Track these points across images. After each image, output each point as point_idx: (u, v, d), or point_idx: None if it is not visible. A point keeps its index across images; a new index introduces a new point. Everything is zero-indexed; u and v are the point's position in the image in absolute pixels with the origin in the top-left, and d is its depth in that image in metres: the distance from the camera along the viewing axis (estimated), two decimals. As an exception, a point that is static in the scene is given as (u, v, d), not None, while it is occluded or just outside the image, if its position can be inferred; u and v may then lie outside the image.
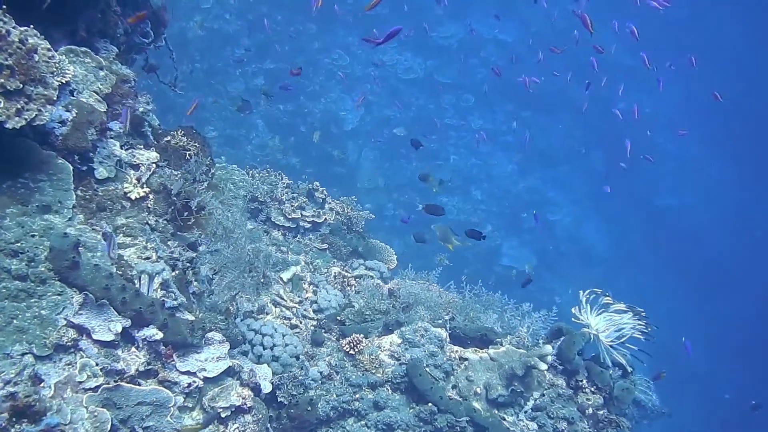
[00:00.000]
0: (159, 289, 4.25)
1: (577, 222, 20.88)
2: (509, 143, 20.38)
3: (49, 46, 4.15)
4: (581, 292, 5.18)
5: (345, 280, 6.41)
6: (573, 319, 5.18)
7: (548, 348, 4.85)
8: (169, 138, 4.94)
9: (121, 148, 4.64)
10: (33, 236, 3.90)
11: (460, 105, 19.99)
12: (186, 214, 4.59)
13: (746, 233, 22.96)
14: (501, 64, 19.91)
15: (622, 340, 5.00)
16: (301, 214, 6.92)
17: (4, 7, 4.02)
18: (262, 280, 5.47)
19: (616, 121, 17.66)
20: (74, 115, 4.31)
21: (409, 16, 18.80)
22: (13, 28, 4.00)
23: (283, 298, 5.76)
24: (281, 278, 6.18)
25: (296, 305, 5.79)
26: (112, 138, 4.63)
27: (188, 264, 4.49)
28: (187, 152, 4.89)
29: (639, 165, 21.13)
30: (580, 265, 20.48)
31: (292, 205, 6.90)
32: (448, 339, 5.27)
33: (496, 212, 19.67)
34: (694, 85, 22.30)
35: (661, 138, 22.28)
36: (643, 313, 5.01)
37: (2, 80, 3.76)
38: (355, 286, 6.38)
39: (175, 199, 4.56)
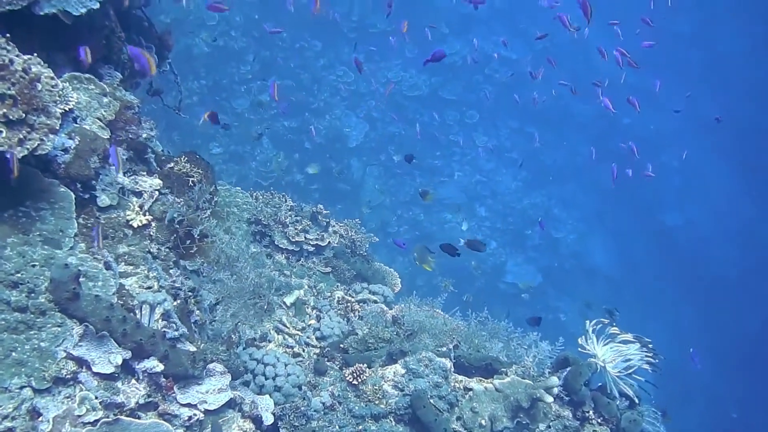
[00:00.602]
0: (160, 320, 4.20)
1: (582, 239, 20.81)
2: (514, 160, 20.35)
3: (52, 75, 4.13)
4: (587, 322, 5.12)
5: (349, 304, 6.35)
6: (579, 348, 5.12)
7: (554, 380, 4.79)
8: (172, 165, 4.91)
9: (124, 175, 4.61)
10: (34, 266, 3.86)
11: (464, 122, 19.99)
12: (188, 242, 4.55)
13: (753, 249, 22.85)
14: (506, 81, 20.00)
15: (629, 372, 4.93)
16: (305, 238, 6.87)
17: (8, 35, 4.01)
18: (265, 307, 5.41)
19: (621, 137, 17.63)
20: (77, 142, 4.28)
21: (415, 32, 18.82)
22: (17, 56, 3.98)
23: (285, 325, 5.70)
24: (284, 302, 6.12)
25: (299, 332, 5.74)
26: (114, 165, 4.60)
27: (190, 293, 4.45)
28: (191, 179, 4.85)
29: (644, 181, 21.11)
30: (586, 282, 20.42)
31: (295, 228, 6.85)
32: (452, 369, 5.20)
33: (501, 229, 19.62)
34: (700, 100, 22.30)
35: (666, 154, 22.24)
36: (650, 344, 4.94)
37: (5, 110, 3.74)
38: (358, 311, 6.32)
39: (177, 226, 4.53)
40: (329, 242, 7.04)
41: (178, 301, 4.39)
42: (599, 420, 5.05)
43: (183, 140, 16.08)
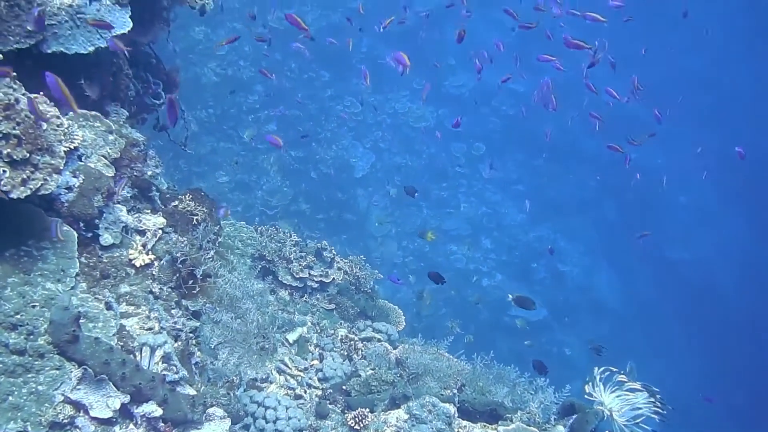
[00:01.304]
0: (160, 362, 4.13)
1: (588, 273, 20.67)
2: (520, 192, 20.31)
3: (58, 113, 4.12)
4: (595, 368, 5.02)
5: (352, 343, 6.28)
6: (585, 395, 5.02)
7: (560, 428, 4.70)
8: (176, 203, 4.88)
9: (128, 213, 4.58)
10: (34, 307, 3.82)
11: (471, 153, 19.99)
12: (191, 281, 4.51)
13: (760, 285, 22.67)
14: (512, 113, 20.04)
15: (637, 421, 4.83)
16: (309, 274, 6.83)
17: (14, 74, 4.00)
18: (268, 347, 5.35)
19: (628, 171, 17.58)
20: (81, 181, 4.26)
21: (422, 65, 18.93)
22: (23, 95, 3.97)
23: (287, 366, 5.63)
24: (287, 339, 6.06)
25: (301, 373, 5.67)
26: (118, 203, 4.57)
27: (191, 334, 4.39)
28: (195, 217, 4.82)
29: (651, 217, 21.02)
30: (591, 317, 20.26)
31: (300, 264, 6.81)
32: (456, 414, 5.12)
33: (506, 262, 19.51)
34: (708, 136, 22.30)
35: (673, 190, 22.17)
36: (658, 394, 4.85)
37: (9, 150, 3.71)
38: (362, 350, 6.25)
39: (180, 266, 4.48)
40: (333, 279, 7.00)
41: (179, 343, 4.33)
42: (606, 469, 4.94)
43: (189, 168, 16.12)
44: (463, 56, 19.83)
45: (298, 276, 6.76)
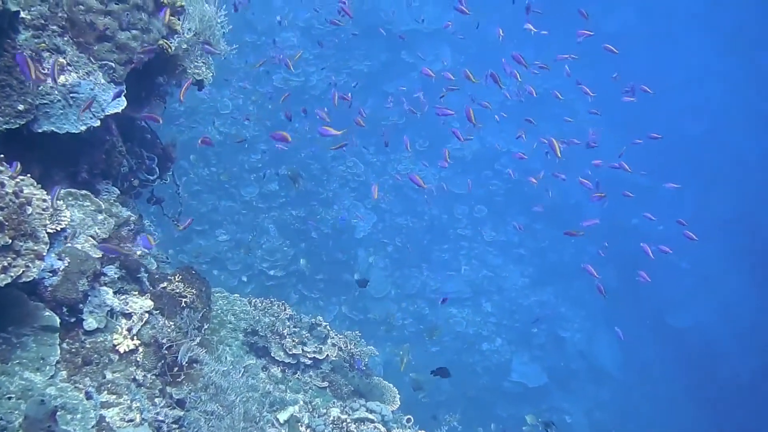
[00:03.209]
0: (140, 457, 3.97)
1: (589, 339, 20.43)
2: (521, 256, 20.20)
3: (45, 196, 4.03)
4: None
5: (344, 426, 6.09)
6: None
7: None
8: (165, 284, 4.76)
9: (114, 295, 4.46)
10: (9, 398, 3.67)
11: (473, 216, 19.94)
12: (176, 369, 4.36)
13: (764, 352, 22.37)
14: (515, 176, 20.04)
15: None
16: (303, 350, 6.67)
17: (1, 156, 3.92)
18: (254, 433, 5.16)
19: (629, 236, 17.52)
20: (66, 264, 4.15)
21: (427, 127, 19.06)
22: (10, 177, 3.89)
23: (276, 452, 5.45)
24: (278, 419, 5.88)
25: (289, 462, 5.48)
26: (105, 284, 4.46)
27: (174, 425, 4.23)
28: (183, 299, 4.69)
29: (652, 282, 20.81)
30: (592, 384, 19.98)
31: (293, 340, 6.66)
32: None
33: (507, 326, 19.30)
34: (710, 202, 22.28)
35: (675, 255, 22.03)
36: None
37: (-10, 236, 3.62)
38: (354, 433, 6.07)
39: (165, 352, 4.34)
40: (327, 355, 6.83)
41: (161, 435, 4.17)
42: None
43: (190, 226, 16.04)
44: (467, 120, 19.93)
45: (291, 352, 6.60)
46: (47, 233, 3.97)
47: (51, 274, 4.09)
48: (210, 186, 16.64)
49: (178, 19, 5.11)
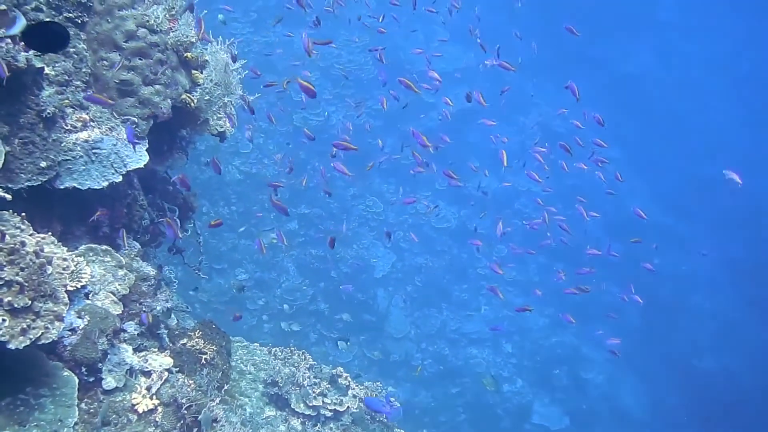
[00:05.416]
0: None
1: (612, 380, 20.10)
2: (542, 296, 20.00)
3: (65, 255, 4.00)
4: None
5: (364, 482, 5.96)
6: None
7: None
8: (185, 340, 4.70)
9: (134, 353, 4.40)
10: (26, 463, 3.60)
11: (493, 256, 19.80)
12: (195, 429, 4.27)
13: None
14: (534, 215, 19.91)
15: None
16: (323, 402, 6.56)
17: (23, 213, 3.90)
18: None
19: (649, 278, 17.31)
20: (86, 322, 4.10)
21: (446, 166, 18.98)
22: (30, 235, 3.86)
23: None
24: (296, 474, 5.77)
25: None
26: (125, 341, 4.39)
27: (192, 490, 4.13)
28: (204, 356, 4.62)
29: (677, 323, 20.55)
30: (615, 426, 19.60)
31: (313, 391, 6.55)
32: None
33: (528, 367, 19.03)
34: (731, 243, 22.03)
35: (698, 297, 21.77)
36: None
37: (10, 297, 3.57)
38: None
39: (185, 412, 4.26)
40: (348, 407, 6.72)
41: (178, 499, 4.07)
42: None
43: (210, 265, 16.02)
44: (486, 158, 19.93)
45: (311, 404, 6.49)
46: (67, 291, 3.92)
47: (70, 333, 4.04)
48: (230, 225, 16.66)
49: (201, 72, 5.11)
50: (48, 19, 4.32)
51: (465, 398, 17.34)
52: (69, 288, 4.00)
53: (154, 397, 4.27)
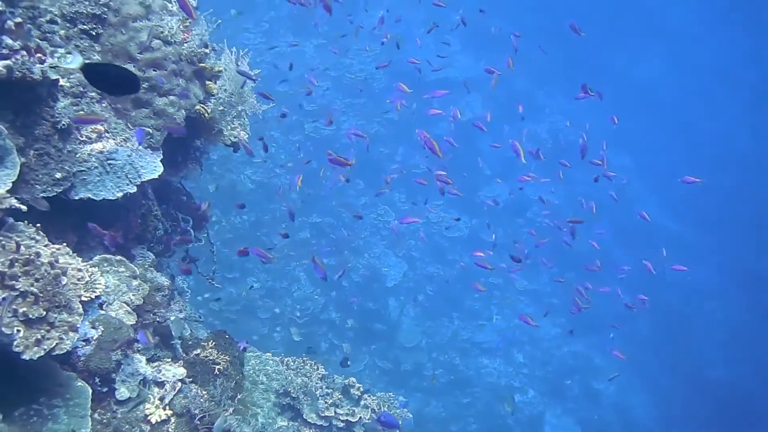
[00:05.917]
0: None
1: (624, 391, 19.99)
2: (554, 305, 19.92)
3: (79, 266, 4.01)
4: None
5: (376, 493, 5.95)
6: None
7: None
8: (198, 351, 4.70)
9: (147, 363, 4.40)
10: (40, 473, 3.61)
11: (504, 265, 19.76)
12: (208, 441, 4.28)
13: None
14: (546, 222, 19.86)
15: None
16: (335, 412, 6.54)
17: (38, 225, 3.91)
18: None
19: (662, 287, 17.23)
20: (100, 333, 4.11)
21: (457, 175, 18.96)
22: (45, 246, 3.87)
23: None
24: (309, 485, 5.75)
25: None
26: (138, 352, 4.40)
27: (205, 501, 4.13)
28: (217, 366, 4.62)
29: (687, 333, 20.43)
30: (628, 437, 19.52)
31: (326, 402, 6.54)
32: None
33: (540, 377, 18.95)
34: (743, 253, 21.90)
35: (709, 306, 21.66)
36: None
37: (25, 308, 3.58)
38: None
39: (198, 423, 4.26)
40: (360, 417, 6.70)
41: None
42: None
43: (222, 274, 16.05)
44: (498, 167, 19.93)
45: (323, 415, 6.48)
46: (81, 302, 3.93)
47: (84, 343, 4.05)
48: (242, 234, 16.69)
49: (215, 83, 5.13)
50: (119, 65, 4.39)
51: (476, 408, 17.27)
52: (83, 298, 4.01)
53: (168, 407, 4.28)
